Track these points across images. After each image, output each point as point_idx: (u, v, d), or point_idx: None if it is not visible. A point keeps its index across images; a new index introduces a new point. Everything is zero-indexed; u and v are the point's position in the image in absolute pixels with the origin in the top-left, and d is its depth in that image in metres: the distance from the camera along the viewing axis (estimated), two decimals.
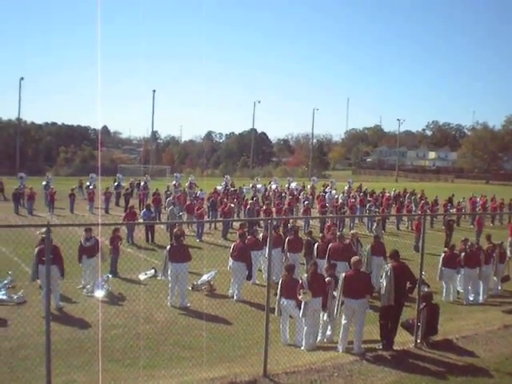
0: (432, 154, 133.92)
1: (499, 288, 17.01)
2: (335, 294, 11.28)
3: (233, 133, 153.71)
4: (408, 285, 10.60)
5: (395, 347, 10.30)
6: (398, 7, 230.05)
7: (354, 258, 11.09)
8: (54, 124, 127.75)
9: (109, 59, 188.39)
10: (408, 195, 40.60)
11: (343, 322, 10.47)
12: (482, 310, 14.66)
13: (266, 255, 16.38)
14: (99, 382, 8.28)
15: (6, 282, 14.77)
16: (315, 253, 16.20)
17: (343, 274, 10.61)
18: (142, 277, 16.77)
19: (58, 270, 13.16)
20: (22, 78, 71.27)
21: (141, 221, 24.07)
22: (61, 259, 13.29)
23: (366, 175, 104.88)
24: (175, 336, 11.56)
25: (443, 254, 16.02)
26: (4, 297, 13.86)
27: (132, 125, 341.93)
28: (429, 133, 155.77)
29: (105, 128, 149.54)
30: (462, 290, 16.26)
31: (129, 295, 13.95)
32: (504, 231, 23.68)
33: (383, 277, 10.49)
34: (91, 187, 36.70)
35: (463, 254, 15.88)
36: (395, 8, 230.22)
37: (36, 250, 13.50)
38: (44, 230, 14.13)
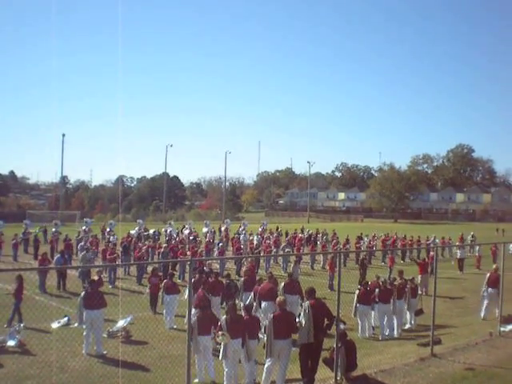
0: (341, 195, 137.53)
1: (413, 322, 17.50)
2: (260, 335, 11.28)
3: (144, 177, 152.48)
4: (326, 322, 10.71)
5: None
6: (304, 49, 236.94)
7: (280, 298, 11.12)
8: None
9: (14, 101, 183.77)
10: (321, 235, 41.69)
11: (267, 363, 10.33)
12: (397, 344, 14.94)
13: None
14: None
15: None
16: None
17: (271, 315, 10.56)
18: (54, 325, 16.08)
19: None
20: None
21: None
22: None
23: (278, 217, 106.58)
24: None
25: (357, 292, 16.37)
26: None
27: (40, 169, 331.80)
28: (338, 174, 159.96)
29: (12, 173, 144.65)
30: (377, 326, 16.60)
31: (42, 344, 13.32)
32: (414, 267, 24.41)
33: (301, 315, 10.54)
34: None
35: (377, 290, 16.32)
36: (301, 51, 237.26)
37: None
38: None
